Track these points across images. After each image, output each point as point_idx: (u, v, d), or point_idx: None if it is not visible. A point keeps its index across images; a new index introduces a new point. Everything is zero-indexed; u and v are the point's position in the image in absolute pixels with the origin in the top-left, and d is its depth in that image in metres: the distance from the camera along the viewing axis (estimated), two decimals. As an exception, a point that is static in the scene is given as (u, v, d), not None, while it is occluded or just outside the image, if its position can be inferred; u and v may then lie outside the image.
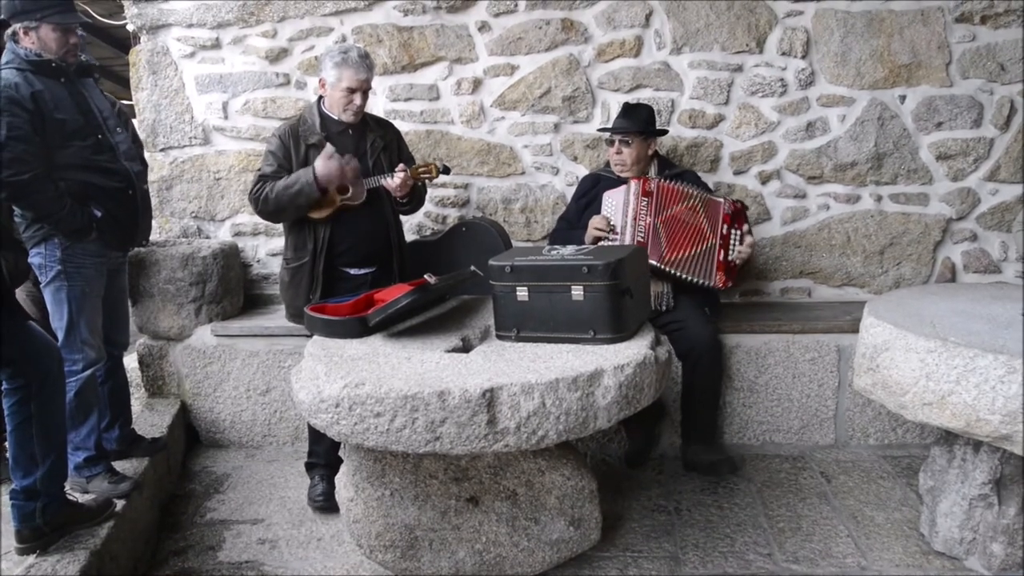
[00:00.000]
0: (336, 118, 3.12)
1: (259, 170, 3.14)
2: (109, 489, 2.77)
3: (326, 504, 3.09)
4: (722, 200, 3.36)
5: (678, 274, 3.27)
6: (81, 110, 2.77)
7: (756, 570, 2.64)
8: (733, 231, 3.33)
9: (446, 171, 3.26)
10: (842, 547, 2.76)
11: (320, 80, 3.10)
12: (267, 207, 3.06)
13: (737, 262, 3.35)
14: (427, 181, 3.27)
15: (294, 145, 3.09)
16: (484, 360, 2.36)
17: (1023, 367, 2.13)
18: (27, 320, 2.36)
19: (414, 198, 3.28)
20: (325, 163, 2.95)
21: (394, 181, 3.08)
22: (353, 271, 3.18)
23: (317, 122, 3.11)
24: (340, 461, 3.35)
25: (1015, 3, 3.61)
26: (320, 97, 3.16)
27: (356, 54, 3.05)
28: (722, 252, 3.32)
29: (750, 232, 3.37)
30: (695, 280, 3.29)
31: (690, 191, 3.33)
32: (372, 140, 3.19)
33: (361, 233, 3.14)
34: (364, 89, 3.07)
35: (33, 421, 2.31)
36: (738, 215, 3.35)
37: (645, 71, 3.84)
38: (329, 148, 2.97)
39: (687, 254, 3.29)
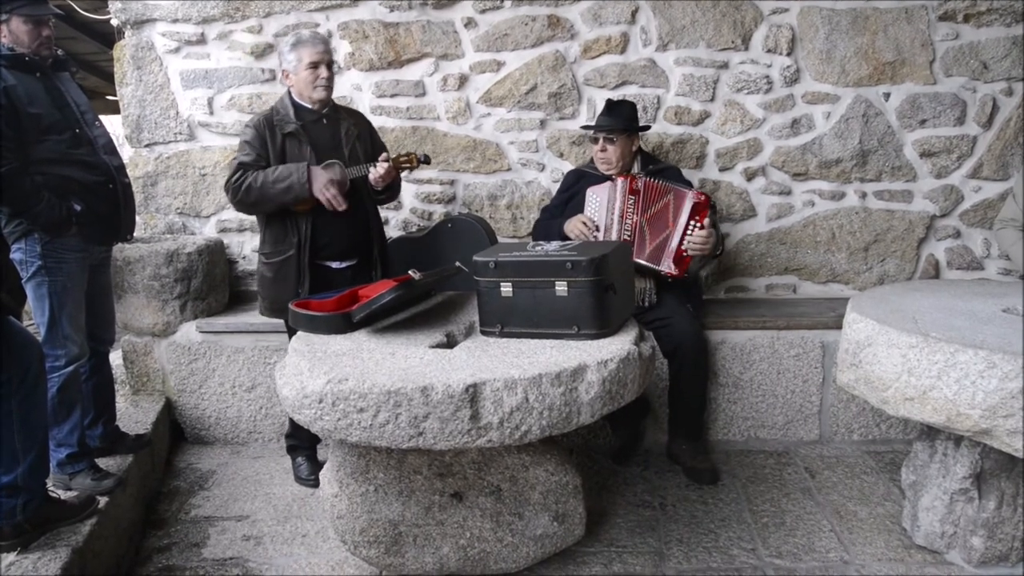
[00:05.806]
0: (309, 107, 3.10)
1: (235, 159, 3.09)
2: (92, 486, 2.75)
3: (317, 481, 3.02)
4: (689, 191, 3.28)
5: (641, 262, 3.22)
6: (57, 104, 2.74)
7: (740, 565, 2.66)
8: (692, 222, 3.24)
9: (427, 161, 3.29)
10: (825, 542, 2.78)
11: (284, 72, 3.11)
12: (248, 197, 3.02)
13: (689, 252, 3.24)
14: (408, 171, 3.30)
15: (270, 135, 3.07)
16: (468, 356, 2.36)
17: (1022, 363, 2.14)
18: (7, 315, 2.34)
19: (390, 188, 3.27)
20: (324, 183, 2.98)
21: (378, 171, 3.09)
22: (335, 265, 3.17)
23: (291, 112, 3.09)
24: (319, 439, 3.39)
25: (997, 2, 3.63)
26: (288, 90, 3.14)
27: (307, 31, 3.11)
28: (676, 241, 3.25)
29: (714, 225, 3.28)
30: (649, 266, 3.24)
31: (669, 187, 3.31)
32: (347, 128, 3.18)
33: (342, 225, 3.13)
34: (327, 62, 3.06)
35: (14, 417, 2.29)
36: (699, 207, 3.24)
37: (631, 68, 3.85)
38: (338, 170, 3.03)
39: (656, 244, 3.28)
